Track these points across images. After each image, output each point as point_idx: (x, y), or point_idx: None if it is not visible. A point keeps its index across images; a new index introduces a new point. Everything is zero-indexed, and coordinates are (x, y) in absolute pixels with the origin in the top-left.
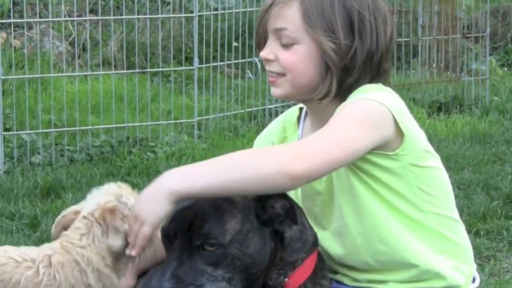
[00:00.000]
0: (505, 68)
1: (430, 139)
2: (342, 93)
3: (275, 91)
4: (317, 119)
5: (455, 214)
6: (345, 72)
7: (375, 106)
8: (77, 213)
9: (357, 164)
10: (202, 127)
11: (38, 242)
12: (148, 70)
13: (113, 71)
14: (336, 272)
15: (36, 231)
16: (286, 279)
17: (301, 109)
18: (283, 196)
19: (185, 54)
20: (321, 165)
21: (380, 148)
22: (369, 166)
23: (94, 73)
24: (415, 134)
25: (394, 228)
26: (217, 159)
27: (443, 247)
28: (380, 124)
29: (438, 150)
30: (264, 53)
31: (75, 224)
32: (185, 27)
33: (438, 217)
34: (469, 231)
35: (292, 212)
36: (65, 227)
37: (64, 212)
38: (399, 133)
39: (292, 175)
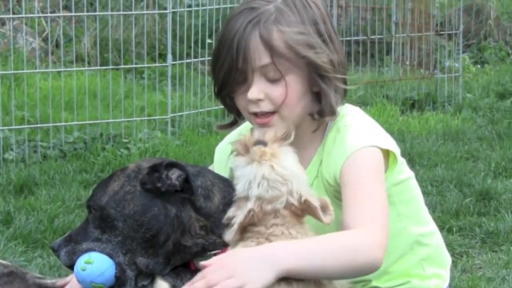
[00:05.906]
0: (478, 66)
1: (403, 136)
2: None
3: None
4: None
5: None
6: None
7: (374, 154)
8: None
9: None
10: (175, 124)
11: (12, 238)
12: (122, 66)
13: (86, 68)
14: None
15: (9, 227)
16: (213, 253)
17: None
18: (180, 166)
19: (158, 51)
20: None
21: None
22: None
23: (68, 69)
24: (396, 150)
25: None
26: (323, 241)
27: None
28: (382, 168)
29: (411, 147)
30: (254, 94)
31: None
32: (158, 24)
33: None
34: (442, 228)
35: (187, 183)
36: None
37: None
38: (386, 156)
39: (379, 264)
